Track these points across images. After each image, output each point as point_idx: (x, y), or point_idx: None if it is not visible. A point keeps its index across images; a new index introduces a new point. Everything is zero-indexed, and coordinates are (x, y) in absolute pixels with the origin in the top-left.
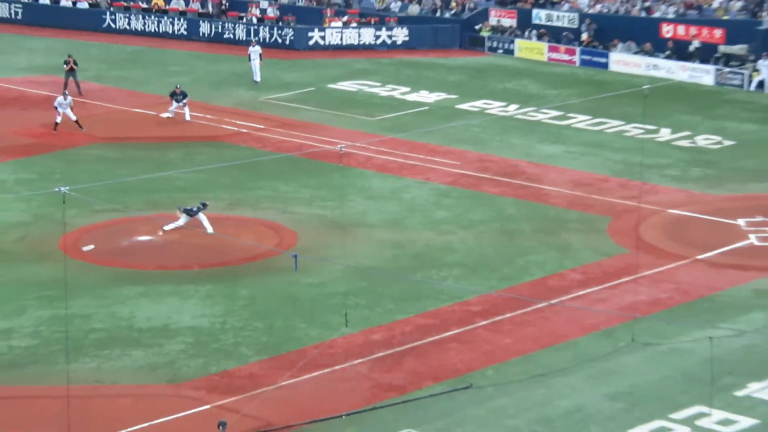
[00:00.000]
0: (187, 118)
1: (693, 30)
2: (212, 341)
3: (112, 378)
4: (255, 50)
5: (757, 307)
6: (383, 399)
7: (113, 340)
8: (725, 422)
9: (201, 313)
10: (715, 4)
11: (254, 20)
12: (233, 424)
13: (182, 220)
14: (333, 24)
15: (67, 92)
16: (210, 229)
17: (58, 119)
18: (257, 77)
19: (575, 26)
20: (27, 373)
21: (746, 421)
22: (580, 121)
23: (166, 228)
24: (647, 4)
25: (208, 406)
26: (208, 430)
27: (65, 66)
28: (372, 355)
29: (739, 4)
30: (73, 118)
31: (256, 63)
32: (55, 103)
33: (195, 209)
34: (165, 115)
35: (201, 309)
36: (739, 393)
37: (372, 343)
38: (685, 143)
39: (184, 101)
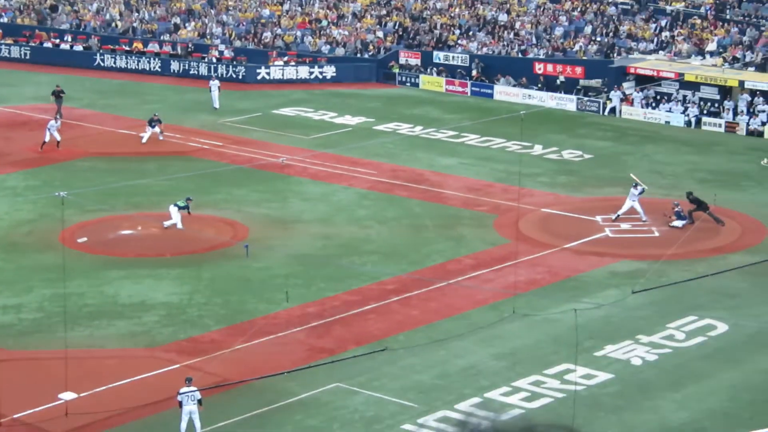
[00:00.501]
0: (161, 137)
1: (559, 67)
2: (181, 314)
3: (101, 343)
4: (214, 84)
5: (612, 285)
6: (317, 359)
7: (102, 313)
8: (587, 376)
9: (172, 291)
10: (576, 47)
11: (214, 60)
12: (198, 379)
13: (175, 215)
14: (276, 63)
15: (59, 117)
16: (180, 225)
17: (47, 138)
18: (216, 104)
19: (467, 65)
20: (33, 340)
21: (604, 376)
22: (471, 139)
23: (166, 224)
24: (523, 47)
25: (178, 366)
26: (178, 384)
27: (52, 96)
28: (307, 324)
29: (595, 47)
30: (58, 138)
31: (215, 93)
32: (48, 125)
33: (185, 205)
34: (143, 138)
35: (172, 288)
36: (598, 353)
37: (307, 314)
38: (553, 156)
39: (159, 126)
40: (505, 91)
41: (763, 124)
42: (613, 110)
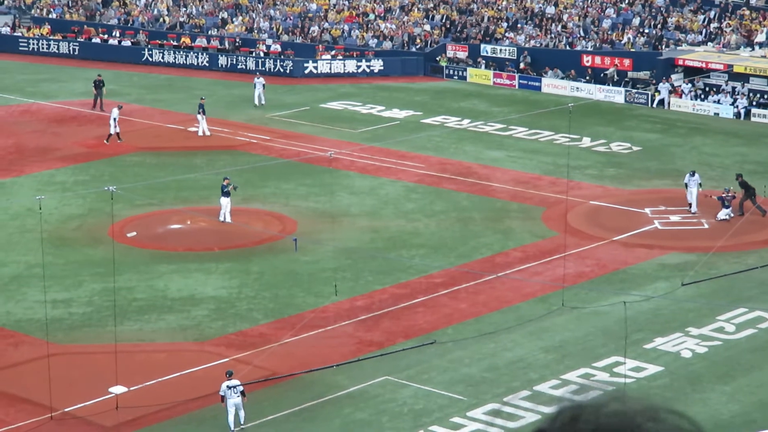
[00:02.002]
0: (200, 133)
1: (607, 60)
2: (230, 307)
3: (151, 337)
4: (259, 81)
5: (661, 277)
6: (365, 352)
7: (151, 307)
8: (636, 369)
9: (221, 285)
10: (624, 39)
11: (261, 54)
12: (247, 373)
13: (224, 204)
14: (323, 57)
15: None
16: (229, 219)
17: (112, 130)
18: (256, 102)
19: (514, 57)
20: (83, 335)
21: (653, 368)
22: (519, 132)
23: (228, 221)
24: (570, 39)
25: (226, 359)
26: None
27: (93, 86)
28: (356, 317)
29: (643, 39)
30: (111, 132)
31: (259, 91)
32: (114, 115)
33: (225, 187)
34: (200, 133)
35: (221, 282)
36: (647, 346)
37: (356, 308)
38: (601, 149)
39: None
40: (552, 84)
41: None
42: (661, 102)
